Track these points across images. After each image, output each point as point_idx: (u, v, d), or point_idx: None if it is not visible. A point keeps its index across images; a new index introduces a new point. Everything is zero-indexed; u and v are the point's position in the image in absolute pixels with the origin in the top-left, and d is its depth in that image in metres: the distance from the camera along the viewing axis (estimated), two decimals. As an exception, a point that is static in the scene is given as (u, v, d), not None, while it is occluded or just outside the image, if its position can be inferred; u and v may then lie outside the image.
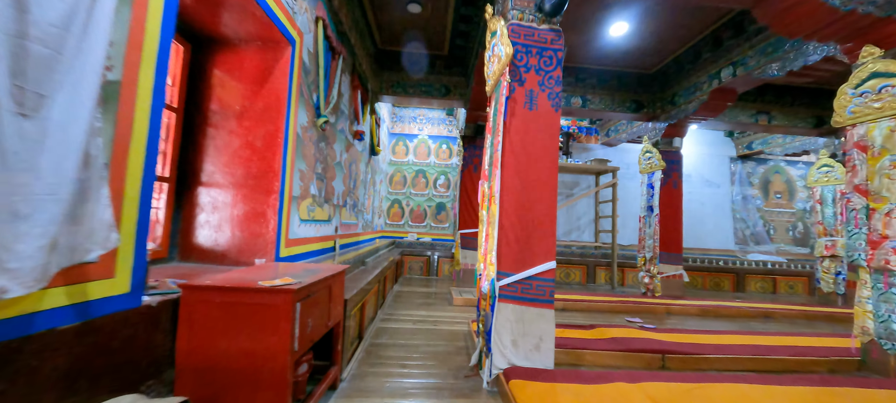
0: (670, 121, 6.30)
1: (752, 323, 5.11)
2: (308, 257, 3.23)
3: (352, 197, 4.89)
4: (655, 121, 6.64)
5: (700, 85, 5.61)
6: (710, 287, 8.26)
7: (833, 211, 6.72)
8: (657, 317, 5.10)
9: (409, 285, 6.71)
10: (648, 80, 6.46)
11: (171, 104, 2.52)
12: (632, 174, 8.74)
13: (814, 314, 5.53)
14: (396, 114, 8.65)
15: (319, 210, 3.53)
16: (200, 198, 2.66)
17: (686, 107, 5.93)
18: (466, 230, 6.07)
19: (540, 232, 2.63)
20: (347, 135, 4.54)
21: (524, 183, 2.65)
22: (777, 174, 9.27)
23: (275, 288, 1.64)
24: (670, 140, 6.68)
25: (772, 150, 8.45)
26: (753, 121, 6.71)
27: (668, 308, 5.43)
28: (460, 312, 4.73)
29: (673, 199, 6.54)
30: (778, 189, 9.23)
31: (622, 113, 6.55)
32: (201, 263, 2.62)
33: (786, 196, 9.23)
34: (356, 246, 5.11)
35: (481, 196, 3.09)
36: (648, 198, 6.55)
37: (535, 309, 2.58)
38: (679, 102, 6.08)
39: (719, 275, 8.33)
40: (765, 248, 8.87)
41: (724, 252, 8.75)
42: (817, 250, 6.87)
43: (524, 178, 2.65)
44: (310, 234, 3.28)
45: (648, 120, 6.74)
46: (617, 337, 3.44)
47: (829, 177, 6.79)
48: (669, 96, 6.28)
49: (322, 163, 3.59)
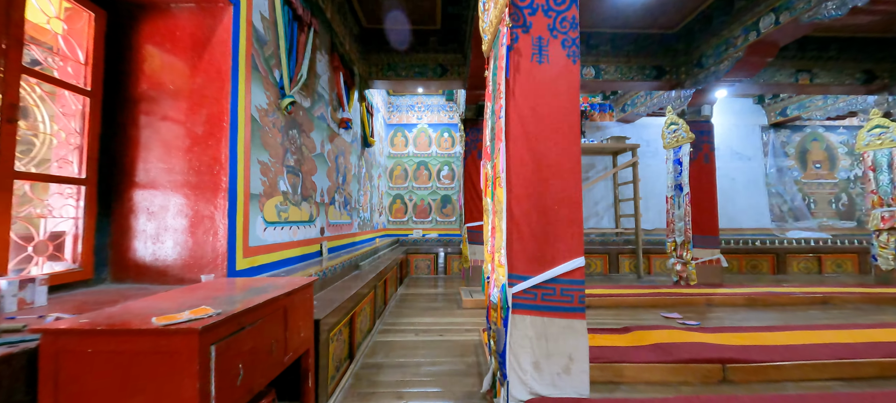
0: (697, 87, 5.56)
1: (812, 311, 4.40)
2: (280, 267, 2.69)
3: (341, 193, 4.34)
4: (680, 89, 5.90)
5: (733, 40, 4.87)
6: (746, 270, 7.51)
7: (889, 178, 5.90)
8: (697, 311, 4.43)
9: (415, 286, 6.17)
10: (671, 41, 5.73)
11: (81, 85, 1.98)
12: (653, 151, 8.00)
13: (881, 297, 4.77)
14: (393, 104, 8.07)
15: (295, 209, 2.99)
16: (134, 203, 2.13)
17: (716, 69, 5.19)
18: (473, 223, 5.48)
19: (561, 219, 2.02)
20: (330, 122, 3.98)
21: (538, 158, 2.04)
22: (815, 142, 8.39)
23: (171, 328, 1.08)
24: (698, 108, 5.95)
25: (810, 115, 7.59)
26: (792, 81, 5.92)
27: (708, 298, 4.75)
28: (471, 316, 4.15)
29: (705, 175, 5.82)
30: (817, 158, 8.36)
31: (641, 82, 5.83)
32: (138, 283, 2.10)
33: (826, 165, 8.35)
34: (351, 248, 4.57)
35: (484, 179, 2.49)
36: (676, 175, 5.84)
37: (560, 321, 1.99)
38: (707, 64, 5.34)
39: (756, 257, 7.57)
40: (805, 224, 8.04)
41: (760, 231, 7.95)
42: (872, 223, 6.07)
43: (537, 152, 2.04)
44: (281, 239, 2.74)
45: (671, 88, 6.00)
46: (661, 344, 2.81)
47: (884, 140, 5.97)
48: (696, 58, 5.53)
49: (295, 155, 3.04)
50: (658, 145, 7.98)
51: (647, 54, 5.77)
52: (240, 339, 1.27)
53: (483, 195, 2.45)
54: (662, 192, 7.88)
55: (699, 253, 5.68)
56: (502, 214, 1.99)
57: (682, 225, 5.70)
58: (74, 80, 1.98)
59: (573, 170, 2.04)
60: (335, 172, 4.12)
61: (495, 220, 2.09)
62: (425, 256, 7.39)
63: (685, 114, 5.94)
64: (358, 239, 5.06)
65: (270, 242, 2.57)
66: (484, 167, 2.46)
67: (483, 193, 2.46)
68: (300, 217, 3.09)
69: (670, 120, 5.88)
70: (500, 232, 2.05)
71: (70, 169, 1.98)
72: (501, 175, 2.01)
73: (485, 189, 2.45)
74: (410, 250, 7.31)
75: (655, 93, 6.69)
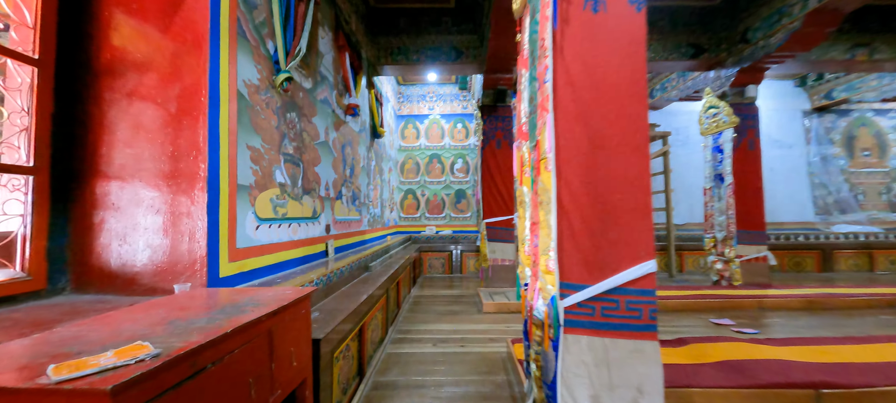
0: (742, 65, 4.99)
1: (883, 316, 3.84)
2: (277, 271, 2.30)
3: (349, 187, 3.95)
4: (720, 69, 5.33)
5: (788, 8, 4.29)
6: (789, 267, 6.89)
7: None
8: (749, 316, 3.92)
9: (429, 286, 5.77)
10: (710, 15, 5.16)
11: (28, 53, 1.61)
12: (682, 140, 7.42)
13: (963, 299, 4.17)
14: (403, 94, 7.66)
15: (294, 204, 2.60)
16: (97, 197, 1.76)
17: (765, 43, 4.62)
18: (493, 219, 5.04)
19: (625, 211, 1.57)
20: (335, 108, 3.58)
21: (593, 132, 1.59)
22: (863, 127, 7.67)
23: (65, 387, 0.68)
24: (741, 90, 5.37)
25: (861, 97, 6.89)
26: (848, 57, 5.29)
27: (759, 301, 4.22)
28: (493, 323, 3.73)
29: (749, 164, 5.26)
30: (865, 145, 7.64)
31: (676, 61, 5.28)
32: (103, 294, 1.73)
33: (876, 152, 7.63)
34: (360, 248, 4.19)
35: (519, 164, 2.05)
36: (716, 164, 5.29)
37: (626, 342, 1.54)
38: (755, 38, 4.76)
39: (800, 254, 6.94)
40: (853, 217, 7.35)
41: (803, 225, 7.31)
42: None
43: (593, 125, 1.59)
44: (278, 238, 2.35)
45: (709, 68, 5.43)
46: (729, 361, 2.34)
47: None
48: (740, 32, 4.96)
49: (295, 142, 2.65)
50: (688, 133, 7.40)
51: (684, 30, 5.21)
52: (192, 390, 0.87)
53: (518, 183, 2.02)
54: (694, 184, 7.31)
55: (743, 249, 5.13)
56: (550, 205, 1.55)
57: (723, 220, 5.15)
58: (20, 47, 1.61)
59: (639, 148, 1.59)
60: (342, 163, 3.73)
61: (539, 213, 1.65)
62: (439, 254, 6.99)
63: (726, 97, 5.37)
64: (368, 236, 4.67)
65: (264, 242, 2.18)
66: (518, 149, 2.02)
67: (518, 181, 2.02)
68: (301, 213, 2.70)
69: (709, 103, 5.32)
70: (546, 229, 1.61)
71: (15, 155, 1.61)
72: (548, 155, 1.57)
73: (520, 175, 2.01)
74: (423, 248, 6.91)
75: (690, 75, 6.12)
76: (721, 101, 5.19)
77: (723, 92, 5.40)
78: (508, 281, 5.05)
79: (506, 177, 5.09)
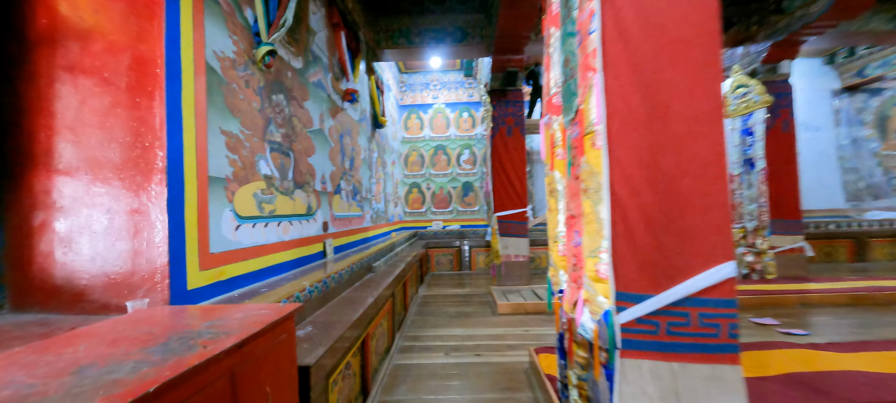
0: (776, 39, 4.55)
1: (945, 312, 3.45)
2: (265, 278, 1.98)
3: (349, 180, 3.62)
4: (750, 44, 4.89)
5: (832, -28, 3.85)
6: (819, 258, 6.47)
7: None
8: (792, 314, 3.55)
9: (437, 285, 5.45)
10: (740, -15, 4.71)
11: (-67, 15, 1.28)
12: (703, 125, 6.97)
13: None
14: (405, 82, 7.29)
15: (284, 200, 2.27)
16: (36, 195, 1.44)
17: (804, 13, 4.18)
18: (505, 212, 4.69)
19: (695, 199, 1.22)
20: (331, 93, 3.24)
21: (653, 100, 1.24)
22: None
23: None
24: (774, 66, 4.94)
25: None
26: (892, 27, 4.82)
27: (801, 297, 3.84)
28: (510, 326, 3.40)
29: (784, 147, 4.85)
30: (899, 125, 7.14)
31: (702, 37, 4.84)
32: (46, 313, 1.42)
33: (911, 133, 7.13)
34: (362, 246, 3.87)
35: (548, 145, 1.70)
36: (745, 148, 4.88)
37: (701, 367, 1.20)
38: (791, 7, 4.32)
39: (831, 243, 6.51)
40: (888, 203, 6.89)
41: (833, 212, 6.86)
42: None
43: (652, 91, 1.24)
44: (265, 239, 2.02)
45: (737, 44, 4.99)
46: (797, 374, 1.99)
47: None
48: (773, 2, 4.51)
49: (283, 128, 2.31)
50: (710, 117, 6.95)
51: (710, 2, 4.77)
52: None
53: (548, 168, 1.67)
54: (716, 171, 6.88)
55: (778, 240, 4.73)
56: (600, 194, 1.20)
57: (754, 208, 4.75)
58: (-74, 9, 1.28)
59: (712, 118, 1.23)
60: (340, 154, 3.39)
61: (583, 204, 1.30)
62: (447, 250, 6.66)
63: (757, 74, 4.94)
64: (371, 233, 4.35)
65: (247, 244, 1.86)
66: (547, 127, 1.67)
67: (547, 165, 1.67)
68: (293, 209, 2.38)
69: (738, 82, 4.89)
70: (594, 224, 1.26)
71: (-75, 144, 1.29)
72: (596, 128, 1.22)
73: (549, 158, 1.66)
74: (430, 244, 6.59)
75: (714, 53, 5.67)
76: (751, 80, 4.77)
77: (753, 69, 4.97)
78: (522, 279, 4.71)
79: (517, 166, 4.73)
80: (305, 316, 1.94)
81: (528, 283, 4.71)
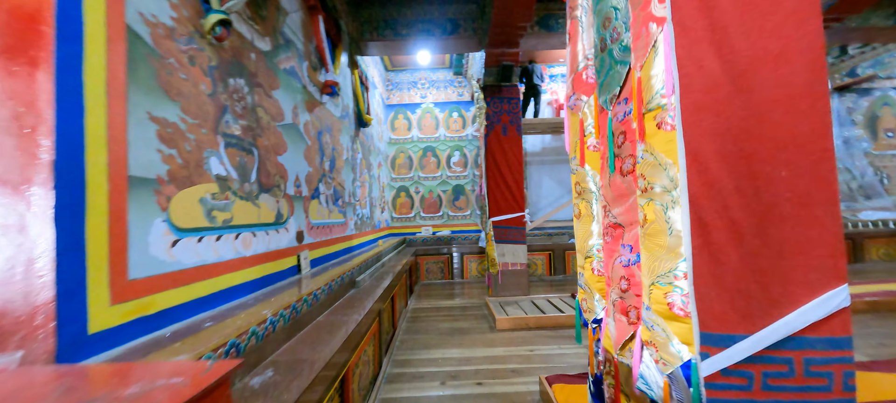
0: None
1: (968, 317, 3.26)
2: (214, 305, 1.57)
3: (328, 183, 3.22)
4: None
5: (841, -38, 3.68)
6: (817, 259, 6.34)
7: None
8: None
9: (428, 296, 5.06)
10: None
11: None
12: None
13: None
14: (391, 81, 6.91)
15: (244, 206, 1.86)
16: None
17: (809, 6, 3.99)
18: (501, 217, 4.35)
19: (796, 200, 0.88)
20: (307, 83, 2.84)
21: (736, 68, 0.90)
22: (886, 107, 7.17)
23: None
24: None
25: (890, 73, 6.38)
26: (891, 23, 4.72)
27: (817, 303, 3.59)
28: (512, 345, 3.04)
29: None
30: (889, 126, 7.15)
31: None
32: None
33: (900, 133, 7.15)
34: (345, 257, 3.46)
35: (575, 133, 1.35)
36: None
37: (811, 437, 0.85)
38: (796, 1, 4.13)
39: (829, 243, 6.38)
40: (880, 203, 6.86)
41: (828, 212, 6.78)
42: None
43: (734, 54, 0.90)
44: (218, 255, 1.61)
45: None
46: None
47: None
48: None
49: (244, 119, 1.91)
50: (705, 117, 6.80)
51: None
52: None
53: (577, 162, 1.32)
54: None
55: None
56: (674, 192, 0.86)
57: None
58: None
59: (815, 91, 0.90)
60: (318, 154, 2.99)
61: (644, 209, 0.95)
62: (437, 258, 6.28)
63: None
64: (355, 242, 3.94)
65: (189, 264, 1.44)
66: (573, 110, 1.32)
67: (576, 159, 1.32)
68: (258, 217, 1.97)
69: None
70: (662, 237, 0.92)
71: None
72: (666, 101, 0.87)
73: (578, 150, 1.31)
74: (419, 251, 6.20)
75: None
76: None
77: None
78: (520, 288, 4.37)
79: (514, 168, 4.40)
80: (267, 353, 1.54)
81: (527, 293, 4.37)
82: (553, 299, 4.23)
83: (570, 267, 6.19)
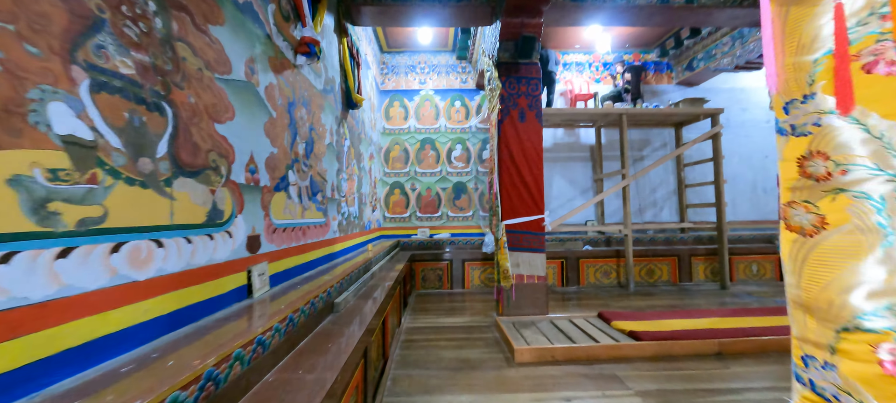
0: (842, 12, 3.73)
1: None
2: (49, 378, 0.82)
3: (303, 171, 2.47)
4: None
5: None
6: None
7: None
8: None
9: (425, 310, 4.33)
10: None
11: None
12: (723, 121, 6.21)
13: None
14: (387, 63, 6.16)
15: (138, 196, 1.11)
16: None
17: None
18: (517, 220, 3.64)
19: None
20: (272, 32, 2.09)
21: None
22: None
23: None
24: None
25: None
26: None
27: None
28: (538, 387, 2.33)
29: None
30: None
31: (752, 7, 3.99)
32: None
33: None
34: (324, 267, 2.71)
35: (810, 37, 0.62)
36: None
37: None
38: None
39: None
40: None
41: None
42: None
43: None
44: (70, 285, 0.86)
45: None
46: None
47: None
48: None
49: (145, 54, 1.16)
50: (732, 113, 6.22)
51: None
52: None
53: (825, 106, 0.62)
54: (738, 174, 6.15)
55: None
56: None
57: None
58: None
59: None
60: (289, 131, 2.24)
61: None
62: (435, 264, 5.55)
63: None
64: (337, 247, 3.19)
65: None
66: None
67: (816, 98, 0.63)
68: (166, 215, 1.22)
69: (791, 65, 4.05)
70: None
71: None
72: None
73: (835, 71, 0.61)
74: (415, 256, 5.46)
75: (752, 35, 4.88)
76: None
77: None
78: (538, 306, 3.67)
79: (532, 161, 3.70)
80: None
81: (545, 312, 3.67)
82: (576, 319, 3.53)
83: (584, 278, 5.52)
